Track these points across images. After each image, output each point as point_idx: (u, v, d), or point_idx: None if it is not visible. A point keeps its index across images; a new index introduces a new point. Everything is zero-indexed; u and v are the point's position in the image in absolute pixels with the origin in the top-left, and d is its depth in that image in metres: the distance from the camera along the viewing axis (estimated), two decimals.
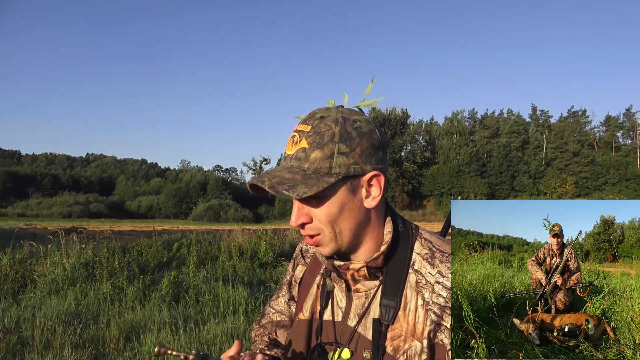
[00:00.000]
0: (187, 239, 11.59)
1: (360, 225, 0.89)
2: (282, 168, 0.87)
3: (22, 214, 61.08)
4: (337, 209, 0.86)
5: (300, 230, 0.90)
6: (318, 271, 1.07)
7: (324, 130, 0.85)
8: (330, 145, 0.84)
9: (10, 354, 4.15)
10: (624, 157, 65.38)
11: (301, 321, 1.03)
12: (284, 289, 1.17)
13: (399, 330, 0.88)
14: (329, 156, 0.83)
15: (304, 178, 0.83)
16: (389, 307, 0.89)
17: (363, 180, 0.87)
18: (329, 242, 0.89)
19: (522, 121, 75.68)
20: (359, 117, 0.88)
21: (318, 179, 0.83)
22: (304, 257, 1.15)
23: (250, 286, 7.08)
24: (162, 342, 0.92)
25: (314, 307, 1.02)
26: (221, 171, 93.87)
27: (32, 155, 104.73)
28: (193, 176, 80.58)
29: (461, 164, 65.83)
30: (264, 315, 1.20)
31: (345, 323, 0.95)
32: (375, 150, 0.87)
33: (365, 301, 0.93)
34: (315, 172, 0.83)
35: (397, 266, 0.92)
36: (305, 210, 0.88)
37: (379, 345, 0.88)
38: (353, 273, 0.91)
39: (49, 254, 7.51)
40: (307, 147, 0.85)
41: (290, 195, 0.80)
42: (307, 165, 0.84)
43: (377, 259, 0.90)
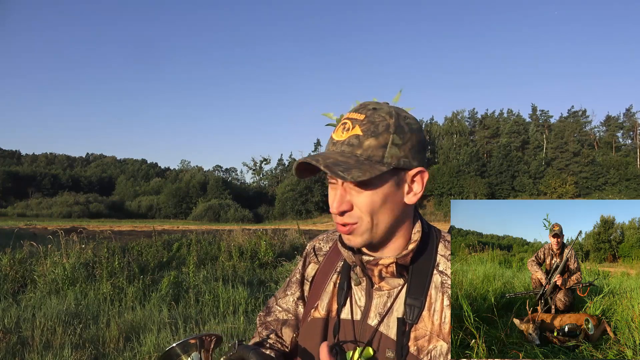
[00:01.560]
0: (187, 239, 11.59)
1: (397, 219, 0.89)
2: (332, 152, 0.86)
3: (22, 214, 61.12)
4: (380, 200, 0.85)
5: (336, 218, 0.88)
6: (333, 269, 1.05)
7: (379, 120, 0.85)
8: (385, 135, 0.84)
9: (10, 354, 4.15)
10: (624, 157, 65.41)
11: (316, 319, 1.00)
12: (294, 287, 1.14)
13: (423, 331, 0.88)
14: (383, 145, 0.84)
15: (357, 163, 0.82)
16: (414, 307, 0.88)
17: (408, 175, 0.87)
18: (364, 233, 0.88)
19: (522, 121, 75.69)
20: (408, 114, 0.90)
21: (371, 165, 0.82)
22: (317, 256, 1.13)
23: (250, 286, 7.08)
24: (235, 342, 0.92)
25: (330, 305, 1.00)
26: (221, 171, 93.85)
27: (32, 155, 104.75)
28: (193, 176, 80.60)
29: (461, 164, 65.86)
30: (270, 312, 1.16)
31: (365, 322, 0.93)
32: (423, 148, 0.88)
33: (387, 300, 0.92)
34: (368, 159, 0.83)
35: (422, 266, 0.92)
36: (348, 198, 0.86)
37: (403, 345, 0.87)
38: (381, 269, 0.90)
39: (49, 254, 7.51)
40: (361, 135, 0.84)
41: (346, 177, 0.79)
42: (360, 152, 0.84)
43: (406, 256, 0.90)
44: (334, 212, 0.87)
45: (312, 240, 1.20)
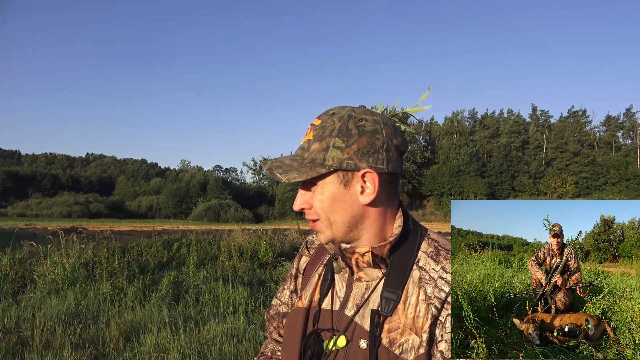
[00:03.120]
0: (187, 239, 11.57)
1: (356, 219, 0.92)
2: (287, 156, 0.95)
3: (22, 214, 61.10)
4: (328, 199, 0.91)
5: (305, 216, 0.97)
6: (320, 261, 1.10)
7: (328, 125, 0.91)
8: (328, 139, 0.90)
9: (10, 354, 4.15)
10: (624, 157, 65.39)
11: (299, 309, 1.04)
12: (289, 281, 1.20)
13: (397, 323, 0.89)
14: (325, 149, 0.89)
15: (299, 165, 0.90)
16: (390, 300, 0.91)
17: (357, 176, 0.90)
18: (325, 230, 0.94)
19: (522, 121, 75.68)
20: (369, 117, 0.92)
21: (311, 167, 0.89)
22: (309, 249, 1.18)
23: (250, 286, 7.08)
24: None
25: (312, 295, 1.04)
26: (221, 171, 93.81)
27: (32, 155, 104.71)
28: (193, 176, 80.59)
29: (461, 164, 65.85)
30: (272, 306, 1.23)
31: (343, 312, 0.97)
32: (376, 150, 0.89)
33: (365, 292, 0.95)
34: (310, 162, 0.90)
35: (402, 260, 0.94)
36: (306, 197, 0.94)
37: (376, 336, 0.89)
38: (357, 258, 0.93)
39: (49, 254, 7.51)
40: (311, 139, 0.92)
41: (281, 179, 0.88)
42: (306, 155, 0.91)
43: (383, 247, 0.92)
44: (295, 209, 0.96)
45: (309, 235, 1.25)
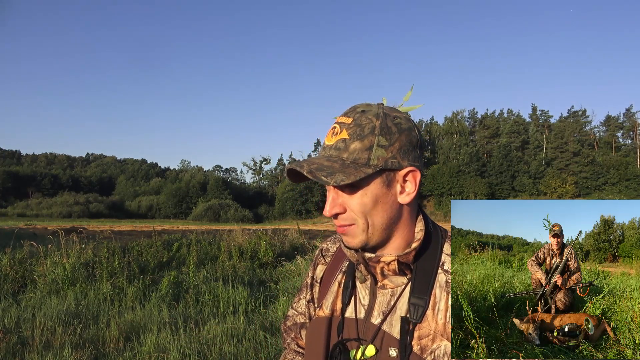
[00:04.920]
0: (187, 239, 11.58)
1: (392, 220, 0.89)
2: (321, 157, 0.88)
3: (22, 214, 61.12)
4: (371, 201, 0.87)
5: (334, 220, 0.90)
6: (338, 269, 1.07)
7: (365, 123, 0.86)
8: (370, 137, 0.85)
9: (10, 354, 4.15)
10: (624, 157, 65.38)
11: (320, 318, 1.00)
12: (304, 290, 1.16)
13: (427, 330, 0.87)
14: (368, 148, 0.85)
15: (342, 167, 0.84)
16: (418, 306, 0.88)
17: (399, 175, 0.88)
18: (360, 234, 0.89)
19: (522, 121, 75.66)
20: (399, 114, 0.90)
21: (356, 168, 0.84)
22: (324, 257, 1.14)
23: (250, 286, 7.08)
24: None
25: (334, 304, 1.01)
26: (221, 171, 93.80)
27: (32, 155, 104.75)
28: (193, 176, 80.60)
29: (461, 164, 65.84)
30: (288, 317, 1.20)
31: (369, 320, 0.93)
32: (413, 148, 0.88)
33: (391, 299, 0.92)
34: (353, 162, 0.85)
35: (427, 265, 0.91)
36: (340, 201, 0.89)
37: (406, 344, 0.87)
38: (383, 267, 0.91)
39: (49, 254, 7.51)
40: (347, 138, 0.86)
41: (328, 182, 0.82)
42: (346, 155, 0.85)
43: (408, 254, 0.90)
44: (326, 215, 0.89)
45: (322, 242, 1.21)
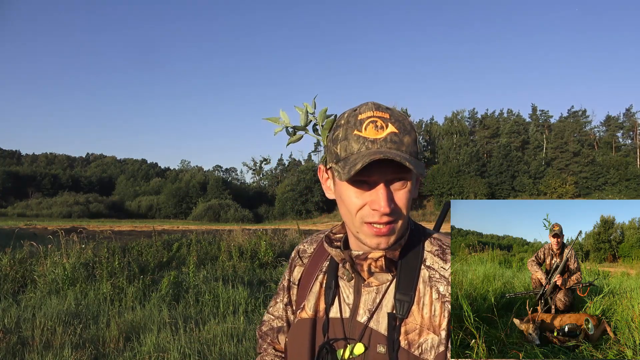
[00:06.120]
0: (187, 239, 11.58)
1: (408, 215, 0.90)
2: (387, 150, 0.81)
3: (22, 214, 61.12)
4: (412, 196, 0.87)
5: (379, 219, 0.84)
6: (318, 269, 1.06)
7: (402, 118, 0.87)
8: (413, 132, 0.86)
9: (10, 354, 4.15)
10: (624, 157, 65.39)
11: (303, 320, 1.00)
12: (281, 294, 1.14)
13: (413, 324, 0.88)
14: (415, 142, 0.85)
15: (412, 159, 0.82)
16: (403, 302, 0.89)
17: None
18: (398, 230, 0.87)
19: (522, 121, 75.67)
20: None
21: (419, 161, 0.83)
22: (301, 258, 1.13)
23: (250, 286, 7.08)
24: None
25: (317, 305, 1.00)
26: (221, 171, 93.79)
27: (32, 155, 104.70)
28: (193, 176, 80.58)
29: (461, 164, 65.85)
30: (264, 322, 1.18)
31: (354, 319, 0.93)
32: None
33: (376, 296, 0.93)
34: (411, 155, 0.84)
35: (410, 262, 0.93)
36: (391, 196, 0.84)
37: (394, 340, 0.87)
38: (370, 263, 0.91)
39: (49, 254, 7.51)
40: (397, 132, 0.84)
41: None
42: (403, 149, 0.83)
43: (395, 250, 0.90)
44: (385, 211, 0.82)
45: (298, 244, 1.20)
